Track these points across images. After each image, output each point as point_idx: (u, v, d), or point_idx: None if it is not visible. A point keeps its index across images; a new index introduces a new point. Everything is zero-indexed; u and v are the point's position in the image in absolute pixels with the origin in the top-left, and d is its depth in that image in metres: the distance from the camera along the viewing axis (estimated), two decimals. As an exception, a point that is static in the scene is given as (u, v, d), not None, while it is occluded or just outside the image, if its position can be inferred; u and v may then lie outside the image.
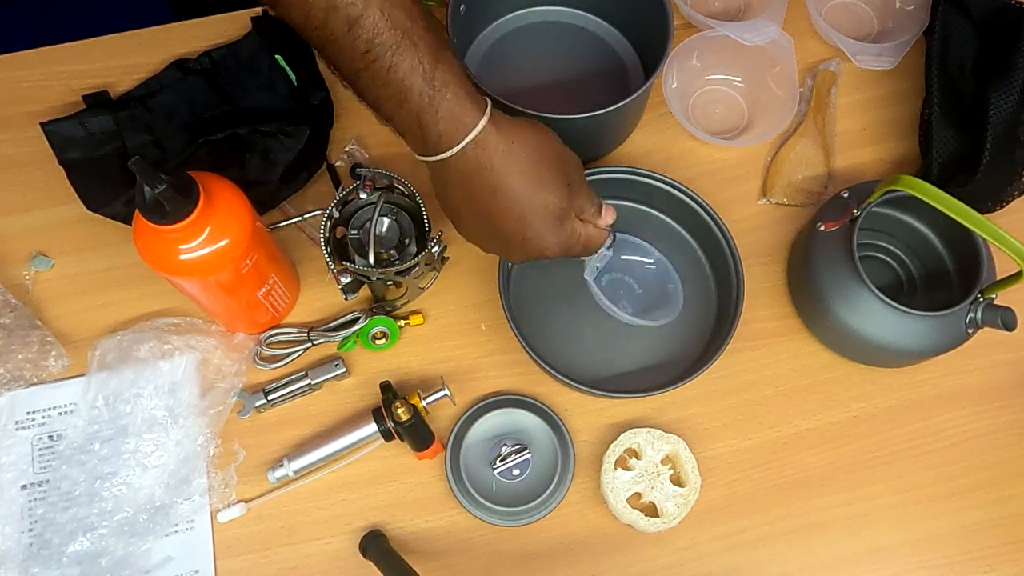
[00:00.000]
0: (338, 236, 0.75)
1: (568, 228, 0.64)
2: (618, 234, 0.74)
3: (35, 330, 0.77)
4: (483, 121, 0.58)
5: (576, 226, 0.65)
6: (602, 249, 0.70)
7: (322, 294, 0.81)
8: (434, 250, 0.73)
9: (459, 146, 0.58)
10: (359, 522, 0.74)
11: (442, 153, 0.59)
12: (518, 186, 0.60)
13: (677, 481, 0.75)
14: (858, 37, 0.92)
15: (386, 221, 0.75)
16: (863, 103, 0.90)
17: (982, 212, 0.65)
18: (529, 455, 0.75)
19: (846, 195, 0.76)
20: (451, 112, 0.57)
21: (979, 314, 0.71)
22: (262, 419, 0.77)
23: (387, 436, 0.73)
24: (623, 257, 0.78)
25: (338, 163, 0.85)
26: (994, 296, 0.71)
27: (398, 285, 0.77)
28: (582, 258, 0.71)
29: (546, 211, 0.62)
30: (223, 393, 0.76)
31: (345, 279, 0.73)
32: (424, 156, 0.61)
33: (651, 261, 0.79)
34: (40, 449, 0.75)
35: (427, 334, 0.80)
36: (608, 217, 0.68)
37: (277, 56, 0.84)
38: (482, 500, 0.73)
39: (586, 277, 0.72)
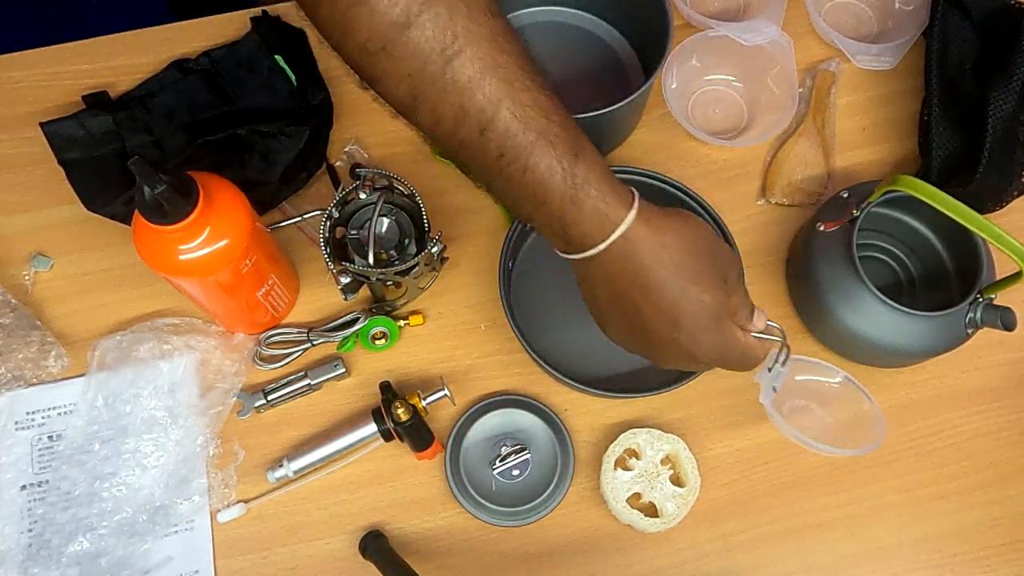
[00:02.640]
0: (338, 236, 0.75)
1: (725, 332, 0.58)
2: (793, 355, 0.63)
3: (35, 330, 0.77)
4: (630, 216, 0.54)
5: (734, 331, 0.58)
6: (776, 365, 0.62)
7: (322, 294, 0.81)
8: (433, 250, 0.73)
9: (604, 243, 0.54)
10: (359, 522, 0.74)
11: (587, 251, 0.55)
12: (670, 283, 0.55)
13: (677, 481, 0.75)
14: (857, 37, 0.92)
15: (385, 221, 0.75)
16: (862, 103, 0.90)
17: (982, 212, 0.65)
18: (529, 455, 0.75)
19: (846, 195, 0.76)
20: (595, 209, 0.53)
21: (979, 314, 0.71)
22: (262, 419, 0.77)
23: (387, 436, 0.73)
24: (798, 378, 0.69)
25: (338, 163, 0.85)
26: (994, 296, 0.71)
27: (398, 285, 0.77)
28: (757, 380, 0.64)
29: (700, 311, 0.56)
30: (223, 393, 0.76)
31: (345, 279, 0.73)
32: (567, 254, 0.57)
33: (835, 380, 0.70)
34: (40, 449, 0.75)
35: (427, 334, 0.80)
36: (759, 322, 0.60)
37: (277, 56, 0.84)
38: (482, 500, 0.73)
39: (762, 402, 0.65)
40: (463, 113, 0.52)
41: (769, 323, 0.61)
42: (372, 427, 0.73)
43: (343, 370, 0.77)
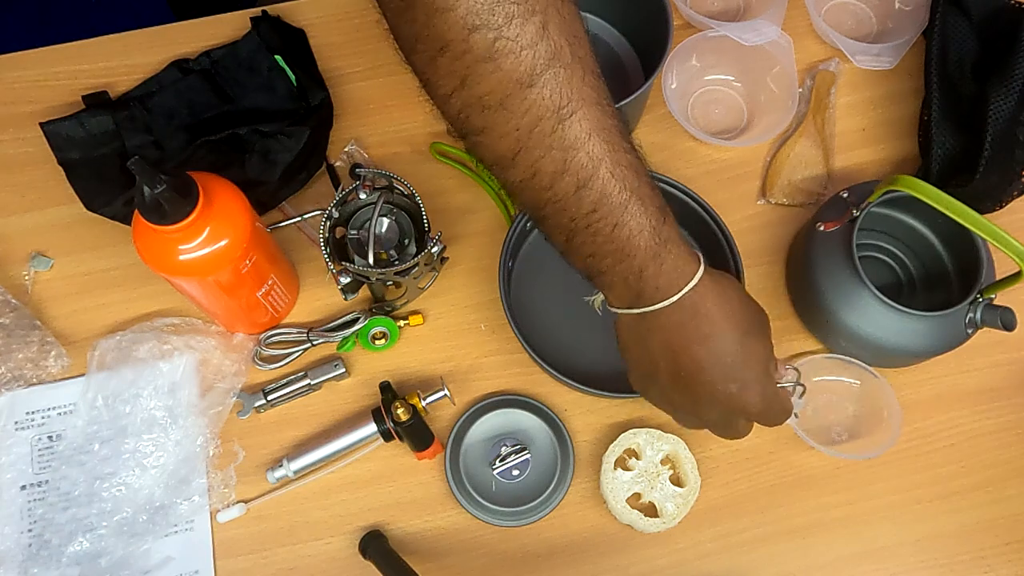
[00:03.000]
0: (338, 236, 0.75)
1: (770, 382, 0.61)
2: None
3: (35, 330, 0.77)
4: (700, 270, 0.57)
5: (775, 382, 0.62)
6: (794, 398, 0.65)
7: (322, 294, 0.81)
8: (433, 250, 0.73)
9: (677, 296, 0.56)
10: (359, 522, 0.74)
11: (657, 303, 0.57)
12: (731, 332, 0.58)
13: (677, 481, 0.75)
14: (857, 37, 0.92)
15: (385, 221, 0.75)
16: (862, 103, 0.90)
17: (982, 212, 0.64)
18: (529, 455, 0.75)
19: (846, 195, 0.76)
20: (674, 265, 0.56)
21: (978, 314, 0.71)
22: (261, 419, 0.77)
23: (387, 436, 0.73)
24: (828, 377, 0.76)
25: (338, 163, 0.85)
26: (993, 296, 0.71)
27: (397, 285, 0.77)
28: None
29: (757, 360, 0.59)
30: (222, 393, 0.76)
31: (344, 279, 0.73)
32: (632, 308, 0.58)
33: (856, 382, 0.77)
34: (39, 449, 0.75)
35: (426, 334, 0.80)
36: (781, 369, 0.64)
37: (277, 56, 0.84)
38: (482, 500, 0.73)
39: (789, 422, 0.71)
40: (563, 170, 0.53)
41: (787, 367, 0.65)
42: (372, 427, 0.73)
43: (343, 370, 0.77)
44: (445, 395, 0.74)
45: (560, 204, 0.55)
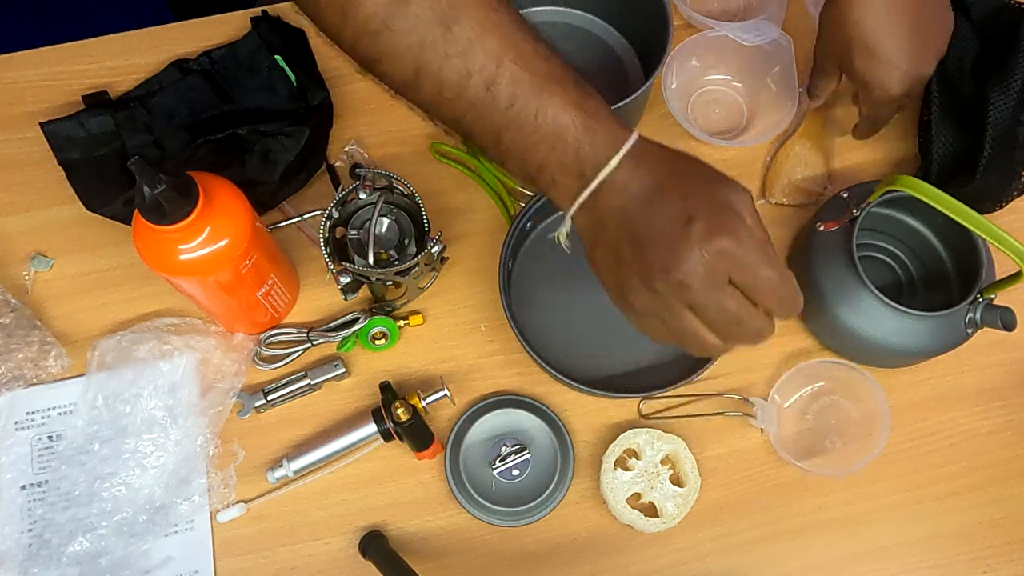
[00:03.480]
0: (338, 236, 0.75)
1: (750, 204, 0.56)
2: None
3: (35, 330, 0.77)
4: (636, 134, 0.56)
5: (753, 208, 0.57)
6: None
7: (322, 294, 0.81)
8: (433, 250, 0.73)
9: (616, 157, 0.55)
10: (359, 522, 0.74)
11: (599, 175, 0.55)
12: (681, 170, 0.56)
13: (677, 481, 0.75)
14: (858, 37, 0.92)
15: (385, 221, 0.75)
16: (863, 103, 0.90)
17: (982, 212, 0.64)
18: (529, 455, 0.75)
19: (846, 195, 0.76)
20: (607, 135, 0.55)
21: (978, 314, 0.71)
22: (261, 419, 0.77)
23: (387, 436, 0.73)
24: (823, 382, 0.76)
25: (338, 163, 0.85)
26: (993, 296, 0.71)
27: (397, 285, 0.77)
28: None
29: (720, 184, 0.57)
30: (222, 393, 0.76)
31: (344, 279, 0.73)
32: (580, 196, 0.56)
33: (818, 384, 0.77)
34: (40, 449, 0.75)
35: (426, 334, 0.80)
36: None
37: (277, 56, 0.84)
38: (482, 500, 0.73)
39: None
40: (467, 74, 0.54)
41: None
42: (372, 427, 0.73)
43: (343, 370, 0.77)
44: (445, 395, 0.74)
45: (478, 110, 0.55)
